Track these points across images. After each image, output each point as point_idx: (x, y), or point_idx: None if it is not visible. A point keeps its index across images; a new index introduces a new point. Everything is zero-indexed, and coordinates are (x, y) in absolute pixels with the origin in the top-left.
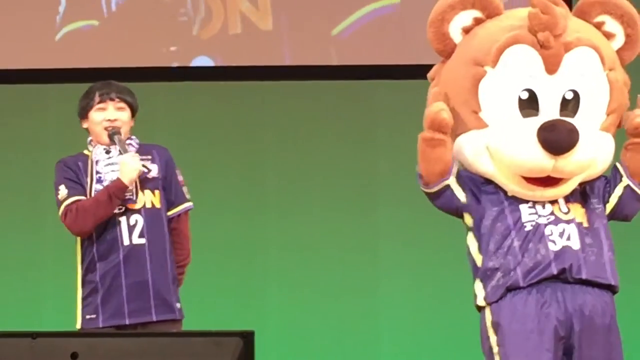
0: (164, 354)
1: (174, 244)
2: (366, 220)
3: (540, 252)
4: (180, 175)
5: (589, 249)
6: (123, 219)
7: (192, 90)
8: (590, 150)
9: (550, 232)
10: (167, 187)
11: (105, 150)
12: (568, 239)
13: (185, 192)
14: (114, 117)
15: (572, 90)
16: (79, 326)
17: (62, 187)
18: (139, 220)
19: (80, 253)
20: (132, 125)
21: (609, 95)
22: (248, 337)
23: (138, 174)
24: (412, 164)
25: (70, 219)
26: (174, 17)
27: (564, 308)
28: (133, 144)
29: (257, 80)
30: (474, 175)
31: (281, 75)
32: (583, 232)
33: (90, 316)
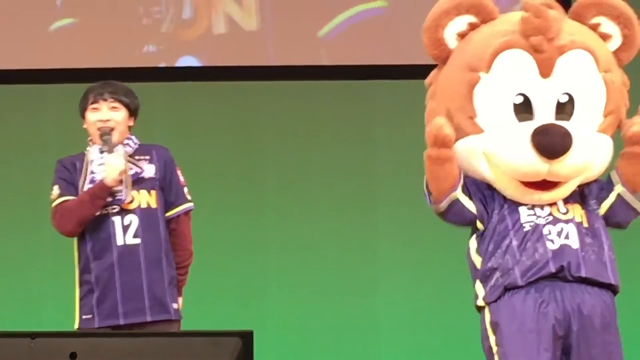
0: (163, 354)
1: (174, 245)
2: (366, 220)
3: (538, 251)
4: (181, 175)
5: (589, 248)
6: (117, 219)
7: (192, 91)
8: (585, 153)
9: (549, 231)
10: (165, 187)
11: (100, 150)
12: (566, 238)
13: (186, 193)
14: (106, 118)
15: (566, 93)
16: (76, 326)
17: (55, 187)
18: (133, 220)
19: (77, 253)
20: (130, 125)
21: (606, 97)
22: (247, 337)
23: (120, 173)
24: (411, 164)
25: (56, 219)
26: (152, 15)
27: (562, 307)
28: (131, 144)
29: (252, 80)
30: (477, 180)
31: (275, 76)
32: (583, 232)
33: (87, 316)
